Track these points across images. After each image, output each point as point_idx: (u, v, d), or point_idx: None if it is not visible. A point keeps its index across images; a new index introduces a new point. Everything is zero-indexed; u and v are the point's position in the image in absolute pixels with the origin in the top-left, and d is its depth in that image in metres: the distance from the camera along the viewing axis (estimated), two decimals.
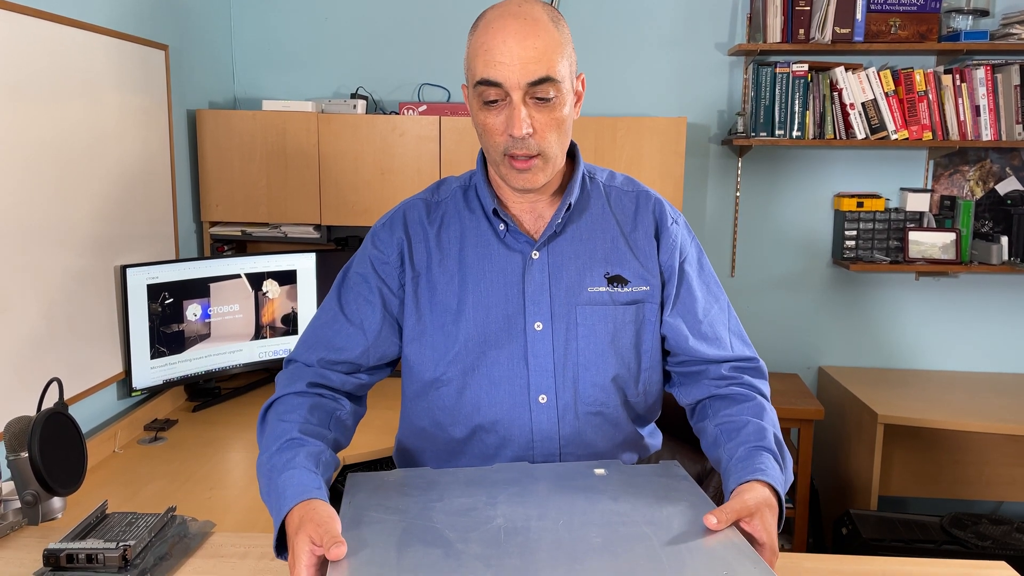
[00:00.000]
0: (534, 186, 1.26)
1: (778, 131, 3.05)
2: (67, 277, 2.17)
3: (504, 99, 1.20)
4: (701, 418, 1.36)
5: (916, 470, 3.20)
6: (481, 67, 1.20)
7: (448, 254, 1.34)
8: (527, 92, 1.19)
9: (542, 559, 0.91)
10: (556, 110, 1.22)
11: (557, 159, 1.27)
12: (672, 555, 0.92)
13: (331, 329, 1.35)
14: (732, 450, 1.21)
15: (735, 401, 1.31)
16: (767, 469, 1.14)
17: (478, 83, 1.21)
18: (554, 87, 1.20)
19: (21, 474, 1.47)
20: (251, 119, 2.88)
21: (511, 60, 1.17)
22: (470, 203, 1.37)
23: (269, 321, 2.80)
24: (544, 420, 1.32)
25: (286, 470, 1.10)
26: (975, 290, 3.27)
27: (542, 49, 1.18)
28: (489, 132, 1.24)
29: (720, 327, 1.38)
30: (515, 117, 1.19)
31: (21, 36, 1.97)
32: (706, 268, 1.41)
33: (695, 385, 1.38)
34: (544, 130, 1.22)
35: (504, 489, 1.10)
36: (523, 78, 1.18)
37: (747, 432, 1.23)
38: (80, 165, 2.21)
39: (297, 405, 1.26)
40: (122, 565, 1.16)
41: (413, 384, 1.39)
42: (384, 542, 0.95)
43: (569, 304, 1.32)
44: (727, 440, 1.24)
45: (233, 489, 2.04)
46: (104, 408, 2.38)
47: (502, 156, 1.24)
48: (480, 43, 1.21)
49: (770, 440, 1.20)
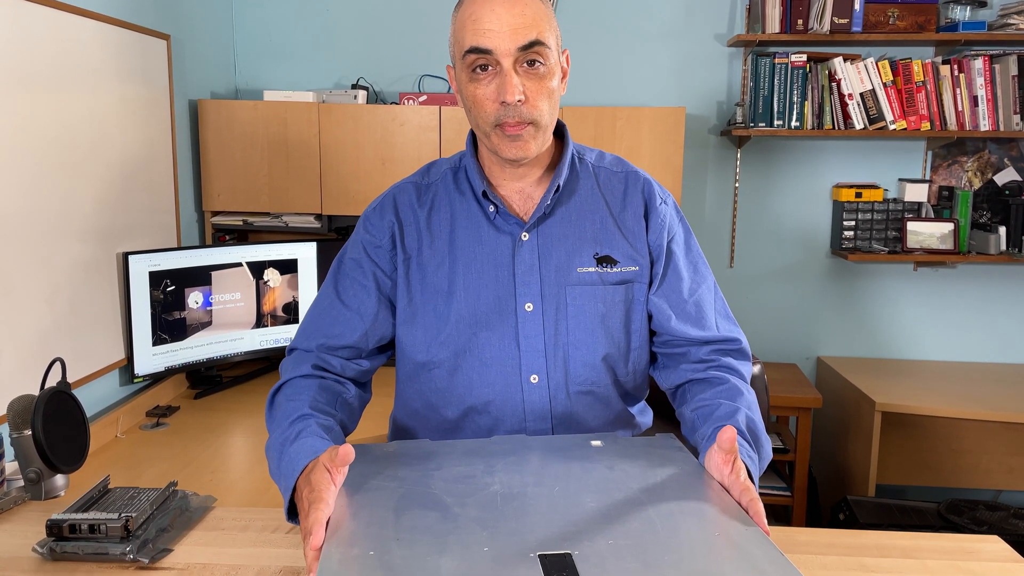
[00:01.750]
0: (527, 155, 1.27)
1: (777, 122, 3.06)
2: (70, 263, 2.18)
3: (495, 67, 1.21)
4: (680, 403, 1.37)
5: (914, 459, 3.22)
6: (470, 36, 1.21)
7: (438, 236, 1.35)
8: (517, 59, 1.20)
9: (537, 522, 0.92)
10: (546, 79, 1.23)
11: (548, 129, 1.28)
12: (666, 518, 0.94)
13: (329, 316, 1.37)
14: (704, 433, 1.20)
15: (711, 385, 1.31)
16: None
17: (467, 52, 1.21)
18: (543, 53, 1.21)
19: (24, 452, 1.49)
20: (252, 109, 2.90)
21: (500, 27, 1.19)
22: (460, 185, 1.38)
23: (270, 310, 2.82)
24: (536, 400, 1.33)
25: (298, 439, 1.12)
26: (973, 280, 3.29)
27: (531, 16, 1.20)
28: (479, 103, 1.24)
29: (706, 307, 1.38)
30: (507, 83, 1.20)
31: (25, 23, 1.98)
32: (693, 248, 1.42)
33: (675, 369, 1.38)
34: (535, 98, 1.23)
35: (501, 459, 1.11)
36: (513, 43, 1.19)
37: (718, 415, 1.22)
38: (83, 153, 2.23)
39: (305, 387, 1.28)
40: (124, 535, 1.17)
41: (406, 366, 1.40)
42: (383, 506, 0.97)
43: (559, 285, 1.32)
44: (701, 424, 1.24)
45: (234, 472, 2.06)
46: (106, 394, 2.39)
47: (492, 127, 1.24)
48: (468, 14, 1.22)
49: (740, 421, 1.20)
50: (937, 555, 1.17)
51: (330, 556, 0.85)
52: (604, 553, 0.85)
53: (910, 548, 1.20)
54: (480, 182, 1.33)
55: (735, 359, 1.37)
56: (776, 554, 0.85)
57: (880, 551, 1.17)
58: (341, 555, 0.85)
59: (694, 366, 1.36)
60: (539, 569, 0.82)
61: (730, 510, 0.96)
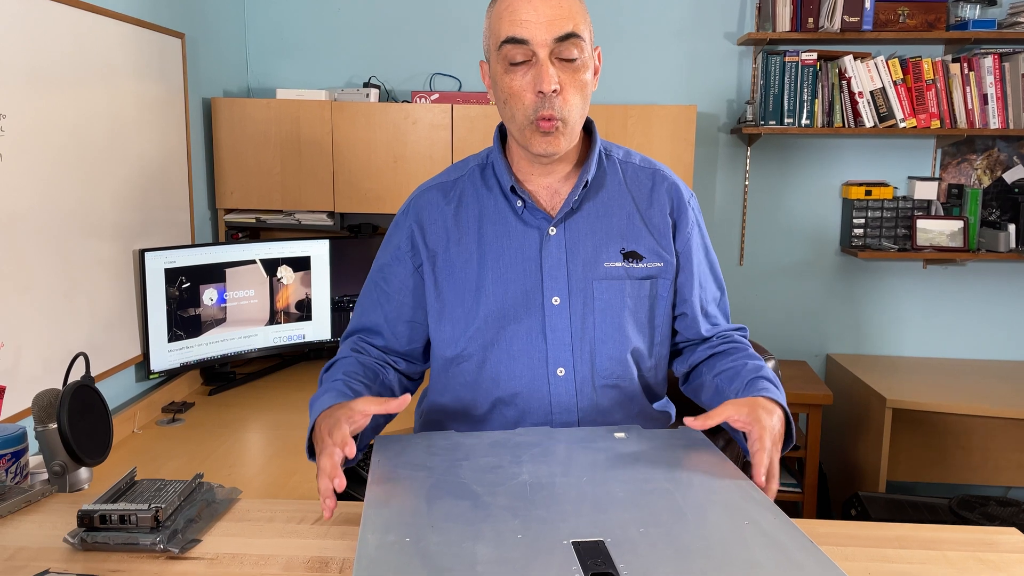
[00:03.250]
0: (556, 151, 1.28)
1: (787, 120, 3.07)
2: (88, 260, 2.20)
3: (530, 59, 1.23)
4: (697, 376, 1.44)
5: (924, 455, 3.22)
6: (507, 27, 1.22)
7: (466, 232, 1.37)
8: (553, 51, 1.22)
9: (567, 510, 0.94)
10: (580, 71, 1.25)
11: (576, 126, 1.29)
12: (694, 507, 0.95)
13: (361, 309, 1.48)
14: (737, 387, 1.29)
15: (728, 354, 1.40)
16: (768, 389, 1.23)
17: (504, 43, 1.23)
18: (579, 46, 1.23)
19: (49, 445, 1.50)
20: (266, 107, 2.91)
21: (537, 18, 1.20)
22: (487, 181, 1.40)
23: (283, 307, 2.83)
24: (562, 392, 1.35)
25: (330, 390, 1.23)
26: (982, 278, 3.29)
27: (567, 8, 1.22)
28: (516, 95, 1.25)
29: (724, 307, 1.48)
30: (544, 73, 1.21)
31: (44, 21, 2.00)
32: (710, 249, 1.48)
33: (692, 353, 1.45)
34: (569, 90, 1.24)
35: (528, 450, 1.13)
36: (550, 34, 1.20)
37: (747, 370, 1.31)
38: (100, 151, 2.24)
39: (352, 362, 1.38)
40: (154, 526, 1.19)
41: (436, 361, 1.44)
42: (415, 495, 0.98)
43: (586, 279, 1.35)
44: (729, 383, 1.32)
45: (252, 467, 2.07)
46: (123, 390, 2.41)
47: (529, 120, 1.26)
48: (505, 6, 1.24)
49: (767, 371, 1.30)
50: (957, 547, 1.18)
51: (366, 543, 0.86)
52: (636, 541, 0.86)
53: (930, 540, 1.21)
54: (508, 177, 1.35)
55: (741, 335, 1.47)
56: (806, 542, 0.86)
57: (901, 543, 1.18)
58: (378, 542, 0.86)
59: (709, 344, 1.44)
60: (573, 556, 0.83)
61: (758, 500, 0.98)
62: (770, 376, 1.29)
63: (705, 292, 1.43)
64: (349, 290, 2.98)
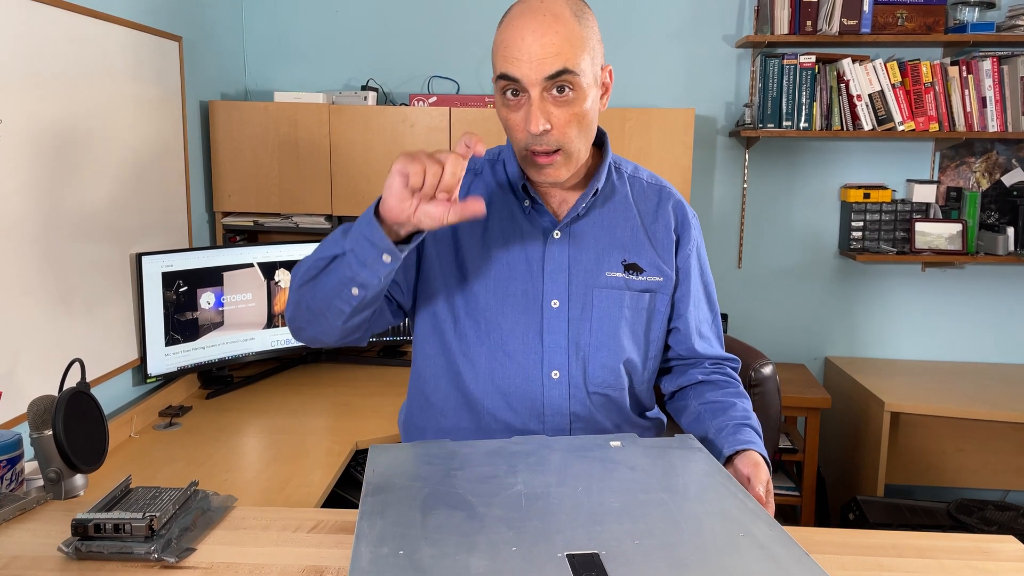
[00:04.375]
0: (557, 180, 1.29)
1: (785, 123, 3.07)
2: (85, 264, 2.20)
3: (524, 94, 1.22)
4: (683, 398, 1.47)
5: (922, 459, 3.22)
6: (501, 62, 1.22)
7: (474, 222, 1.36)
8: (544, 87, 1.20)
9: (563, 521, 0.93)
10: (576, 104, 1.23)
11: (580, 153, 1.28)
12: (690, 518, 0.95)
13: None
14: (720, 424, 1.33)
15: (719, 386, 1.43)
16: (753, 442, 1.28)
17: (499, 78, 1.23)
18: (572, 80, 1.20)
19: (44, 452, 1.50)
20: (263, 110, 2.91)
21: (528, 57, 1.19)
22: (498, 176, 1.40)
23: (281, 310, 2.83)
24: (556, 395, 1.35)
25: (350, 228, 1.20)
26: (981, 281, 3.29)
27: (559, 45, 1.19)
28: (511, 128, 1.26)
29: (716, 328, 1.50)
30: (532, 114, 1.20)
31: (40, 26, 2.00)
32: (708, 272, 1.49)
33: (682, 375, 1.48)
34: (563, 126, 1.23)
35: (523, 459, 1.12)
36: (539, 74, 1.19)
37: (735, 411, 1.35)
38: (97, 155, 2.24)
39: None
40: (148, 535, 1.18)
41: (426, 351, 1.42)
42: (409, 506, 0.98)
43: (587, 286, 1.35)
44: (712, 417, 1.35)
45: (249, 472, 2.07)
46: (119, 394, 2.41)
47: (524, 152, 1.27)
48: (501, 39, 1.23)
49: (754, 421, 1.34)
50: (953, 555, 1.18)
51: (360, 555, 0.86)
52: (631, 553, 0.86)
53: (926, 548, 1.21)
54: (519, 176, 1.35)
55: (734, 371, 1.49)
56: (801, 554, 0.86)
57: (897, 551, 1.18)
58: (371, 554, 0.86)
59: (702, 370, 1.46)
60: (568, 569, 0.83)
61: (753, 511, 0.97)
62: (755, 426, 1.34)
63: (699, 312, 1.45)
64: None
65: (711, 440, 1.31)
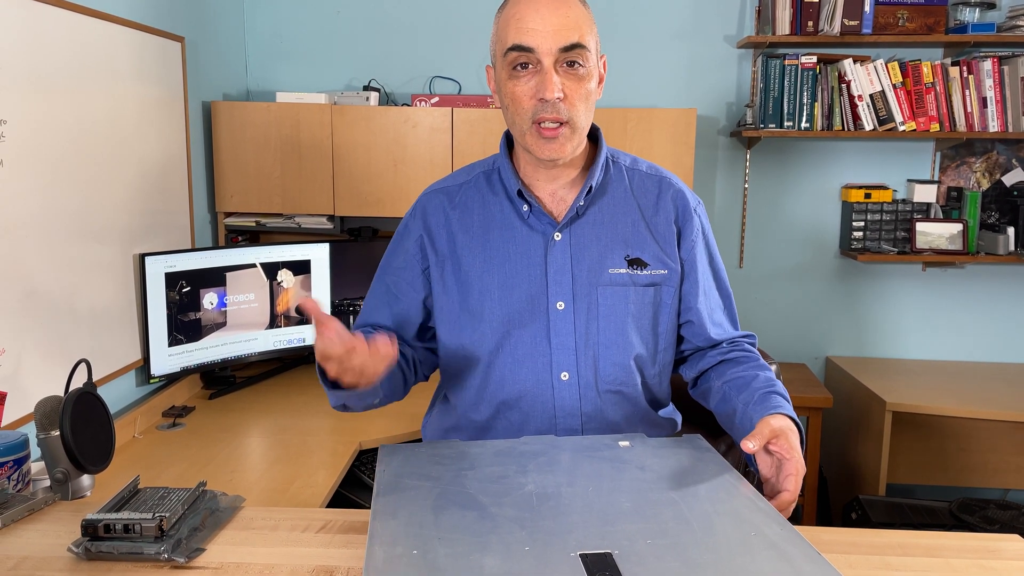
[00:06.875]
0: (561, 156, 1.29)
1: (787, 123, 3.07)
2: (89, 265, 2.20)
3: (535, 66, 1.24)
4: (705, 381, 1.44)
5: (924, 458, 3.23)
6: (513, 34, 1.23)
7: (473, 236, 1.38)
8: (558, 60, 1.23)
9: (574, 521, 0.94)
10: (585, 80, 1.26)
11: (583, 131, 1.30)
12: (700, 517, 0.95)
13: (372, 314, 1.48)
14: (747, 398, 1.29)
15: (739, 362, 1.40)
16: (783, 406, 1.24)
17: (510, 49, 1.24)
18: (584, 55, 1.24)
19: (52, 452, 1.50)
20: (265, 111, 2.91)
21: (544, 27, 1.21)
22: (493, 186, 1.40)
23: (284, 310, 2.83)
24: (566, 397, 1.35)
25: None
26: (982, 280, 3.30)
27: (574, 18, 1.23)
28: (518, 100, 1.26)
29: (730, 310, 1.48)
30: (547, 80, 1.23)
31: (43, 26, 2.00)
32: (717, 257, 1.47)
33: (701, 359, 1.45)
34: (573, 97, 1.25)
35: (533, 459, 1.13)
36: (555, 44, 1.22)
37: (758, 382, 1.31)
38: (101, 155, 2.24)
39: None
40: (158, 535, 1.19)
41: (441, 364, 1.45)
42: (421, 506, 0.98)
43: (591, 285, 1.35)
44: (738, 392, 1.32)
45: (253, 472, 2.07)
46: (123, 394, 2.41)
47: (530, 124, 1.27)
48: (512, 13, 1.25)
49: (779, 387, 1.31)
50: (960, 554, 1.19)
51: (374, 555, 0.86)
52: (644, 553, 0.86)
53: (933, 547, 1.21)
54: (515, 181, 1.35)
55: (751, 344, 1.47)
56: (814, 554, 0.86)
57: (903, 550, 1.18)
58: (385, 554, 0.86)
59: (719, 351, 1.43)
60: (581, 568, 0.83)
61: (764, 511, 0.98)
62: (782, 391, 1.30)
63: (710, 300, 1.43)
64: (349, 293, 2.98)
65: (740, 414, 1.29)
